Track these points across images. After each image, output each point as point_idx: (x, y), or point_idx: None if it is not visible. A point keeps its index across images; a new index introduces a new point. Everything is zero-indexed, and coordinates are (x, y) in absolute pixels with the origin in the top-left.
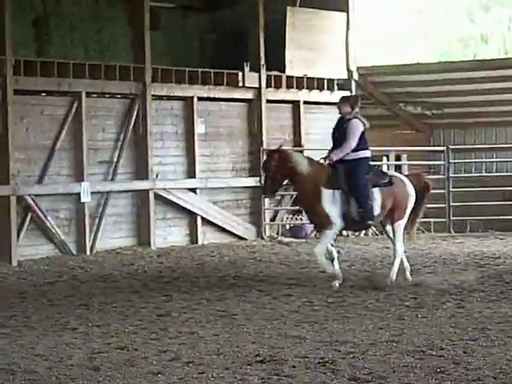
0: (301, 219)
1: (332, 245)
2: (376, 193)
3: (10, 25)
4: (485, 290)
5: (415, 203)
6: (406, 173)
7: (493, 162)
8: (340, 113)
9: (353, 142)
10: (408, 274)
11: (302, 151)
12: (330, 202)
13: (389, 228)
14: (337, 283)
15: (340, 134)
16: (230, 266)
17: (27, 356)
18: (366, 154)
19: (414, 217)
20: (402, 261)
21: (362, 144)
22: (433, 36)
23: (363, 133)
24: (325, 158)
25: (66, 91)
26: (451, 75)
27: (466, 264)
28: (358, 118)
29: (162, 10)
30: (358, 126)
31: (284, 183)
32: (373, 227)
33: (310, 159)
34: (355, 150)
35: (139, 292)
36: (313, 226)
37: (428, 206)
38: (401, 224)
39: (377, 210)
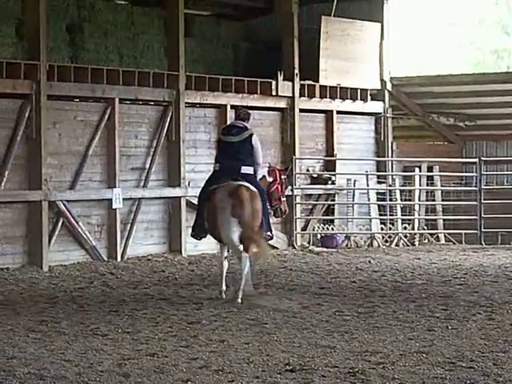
0: (332, 229)
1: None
2: None
3: (44, 30)
4: None
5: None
6: (439, 184)
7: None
8: None
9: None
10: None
11: (334, 161)
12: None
13: None
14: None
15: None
16: (261, 275)
17: (57, 361)
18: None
19: None
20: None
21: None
22: (466, 47)
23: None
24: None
25: (100, 97)
26: (484, 87)
27: (496, 276)
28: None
29: (196, 18)
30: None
31: None
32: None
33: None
34: None
35: (170, 299)
36: None
37: (460, 217)
38: None
39: None
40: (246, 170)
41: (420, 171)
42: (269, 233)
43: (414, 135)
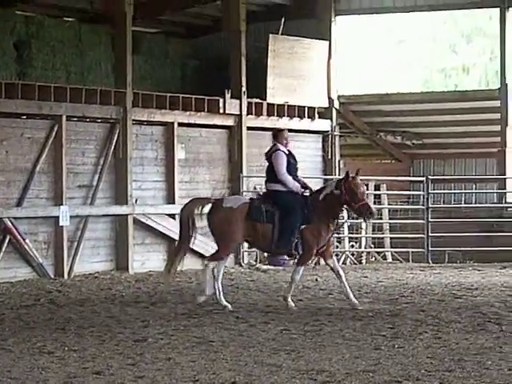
0: None
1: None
2: None
3: None
4: (462, 322)
5: None
6: (386, 202)
7: (472, 193)
8: (287, 145)
9: None
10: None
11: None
12: None
13: None
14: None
15: (295, 164)
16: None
17: (3, 379)
18: None
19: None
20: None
21: None
22: (415, 66)
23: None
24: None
25: (47, 114)
26: (432, 106)
27: (443, 295)
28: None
29: (144, 35)
30: None
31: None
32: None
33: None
34: None
35: (116, 317)
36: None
37: (407, 235)
38: None
39: None
40: (272, 186)
41: (367, 189)
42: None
43: (361, 153)
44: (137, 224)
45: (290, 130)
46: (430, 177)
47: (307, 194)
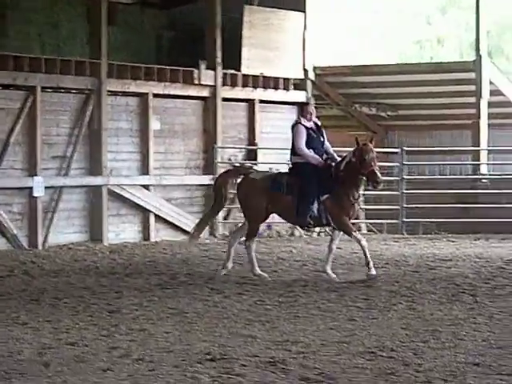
0: None
1: None
2: None
3: None
4: (436, 293)
5: None
6: None
7: (446, 164)
8: (311, 119)
9: None
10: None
11: (256, 150)
12: None
13: None
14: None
15: (319, 137)
16: (182, 264)
17: None
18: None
19: None
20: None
21: None
22: (390, 38)
23: None
24: None
25: (21, 85)
26: (407, 77)
27: (417, 266)
28: None
29: (119, 6)
30: None
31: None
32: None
33: None
34: None
35: (91, 288)
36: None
37: (381, 207)
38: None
39: None
40: (293, 159)
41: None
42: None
43: (336, 125)
44: (111, 195)
45: (265, 101)
46: (404, 148)
47: (333, 164)
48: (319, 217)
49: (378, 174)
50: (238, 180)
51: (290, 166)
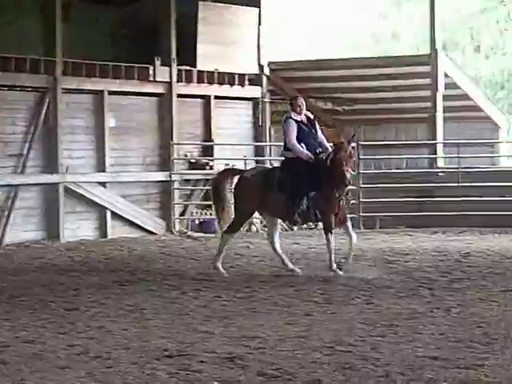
0: (210, 214)
1: None
2: None
3: None
4: (394, 287)
5: None
6: None
7: (403, 158)
8: (301, 112)
9: None
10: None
11: (212, 146)
12: None
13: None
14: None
15: (311, 131)
16: (139, 261)
17: None
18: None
19: None
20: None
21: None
22: (345, 32)
23: None
24: None
25: None
26: (363, 71)
27: (375, 260)
28: None
29: (73, 3)
30: None
31: None
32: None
33: None
34: None
35: (48, 286)
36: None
37: None
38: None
39: None
40: (285, 154)
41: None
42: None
43: None
44: (68, 192)
45: (221, 97)
46: (360, 142)
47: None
48: (308, 213)
49: (347, 175)
50: (235, 179)
51: (283, 160)
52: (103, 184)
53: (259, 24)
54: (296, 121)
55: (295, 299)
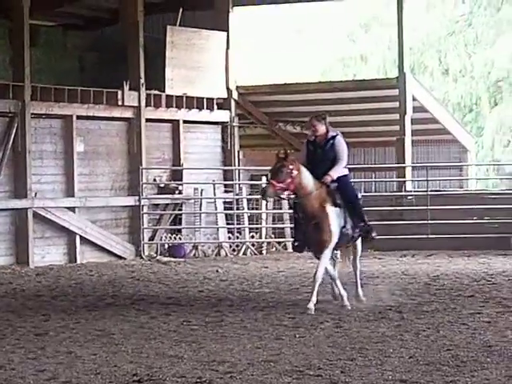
0: (179, 238)
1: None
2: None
3: None
4: (363, 310)
5: None
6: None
7: (371, 181)
8: (316, 133)
9: (346, 159)
10: (345, 300)
11: (181, 170)
12: (336, 220)
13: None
14: (312, 306)
15: (322, 153)
16: (108, 285)
17: None
18: (347, 171)
19: None
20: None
21: None
22: (313, 56)
23: None
24: (323, 180)
25: None
26: (331, 95)
27: (344, 283)
28: (341, 135)
29: (42, 28)
30: (344, 143)
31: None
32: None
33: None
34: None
35: (17, 311)
36: (303, 246)
37: None
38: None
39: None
40: None
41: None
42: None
43: (260, 144)
44: (37, 218)
45: (190, 122)
46: None
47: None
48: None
49: (263, 187)
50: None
51: None
52: (72, 209)
53: (227, 48)
54: (308, 141)
55: (264, 323)
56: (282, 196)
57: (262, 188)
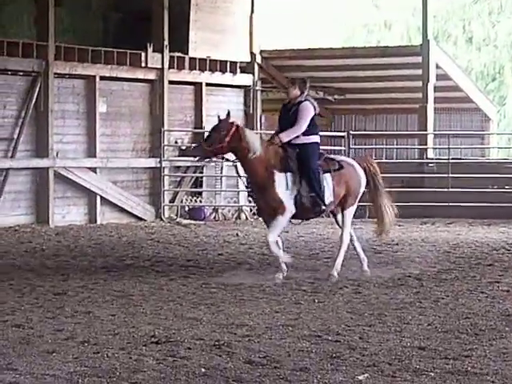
0: (200, 201)
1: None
2: (327, 179)
3: None
4: (382, 277)
5: (372, 189)
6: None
7: (393, 148)
8: (288, 97)
9: (304, 125)
10: (365, 265)
11: (203, 133)
12: (284, 186)
13: (340, 216)
14: (280, 275)
15: (289, 117)
16: (128, 247)
17: None
18: (317, 138)
19: (379, 206)
20: (357, 252)
21: (313, 128)
22: (337, 21)
23: (314, 117)
24: (272, 139)
25: None
26: (354, 61)
27: (364, 250)
28: (310, 101)
29: None
30: (309, 109)
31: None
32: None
33: (261, 139)
34: (306, 134)
35: (36, 270)
36: (259, 211)
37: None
38: (351, 210)
39: (329, 198)
40: None
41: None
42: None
43: None
44: (58, 177)
45: (212, 85)
46: (351, 132)
47: None
48: None
49: (193, 149)
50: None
51: None
52: (93, 169)
53: (252, 12)
54: (283, 105)
55: (283, 287)
56: (214, 158)
57: (192, 149)
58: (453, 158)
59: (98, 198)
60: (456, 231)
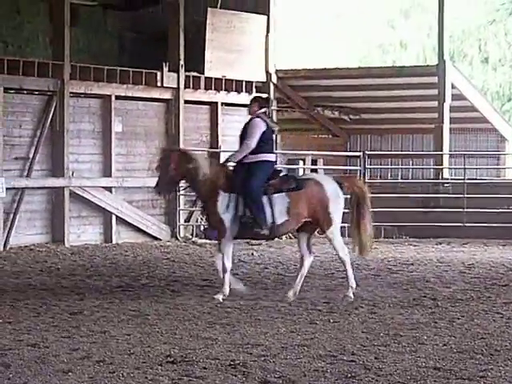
0: None
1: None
2: (276, 199)
3: None
4: (397, 297)
5: (354, 209)
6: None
7: (408, 168)
8: (249, 113)
9: (251, 142)
10: (292, 293)
11: (217, 153)
12: (225, 207)
13: (304, 238)
14: (220, 297)
15: (245, 134)
16: (143, 266)
17: None
18: (268, 157)
19: (358, 225)
20: (297, 278)
21: (264, 146)
22: (353, 41)
23: (267, 134)
24: (226, 161)
25: None
26: (369, 81)
27: (379, 270)
28: (261, 118)
29: (82, 7)
30: (258, 126)
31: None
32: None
33: (211, 160)
34: (255, 153)
35: (52, 289)
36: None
37: (345, 210)
38: (332, 231)
39: (279, 218)
40: None
41: (304, 164)
42: None
43: (298, 128)
44: (73, 197)
45: (228, 104)
46: (366, 152)
47: None
48: None
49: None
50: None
51: None
52: (109, 189)
53: (267, 32)
54: (245, 123)
55: (298, 307)
56: (175, 188)
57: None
58: (468, 179)
59: (114, 218)
60: (471, 251)
